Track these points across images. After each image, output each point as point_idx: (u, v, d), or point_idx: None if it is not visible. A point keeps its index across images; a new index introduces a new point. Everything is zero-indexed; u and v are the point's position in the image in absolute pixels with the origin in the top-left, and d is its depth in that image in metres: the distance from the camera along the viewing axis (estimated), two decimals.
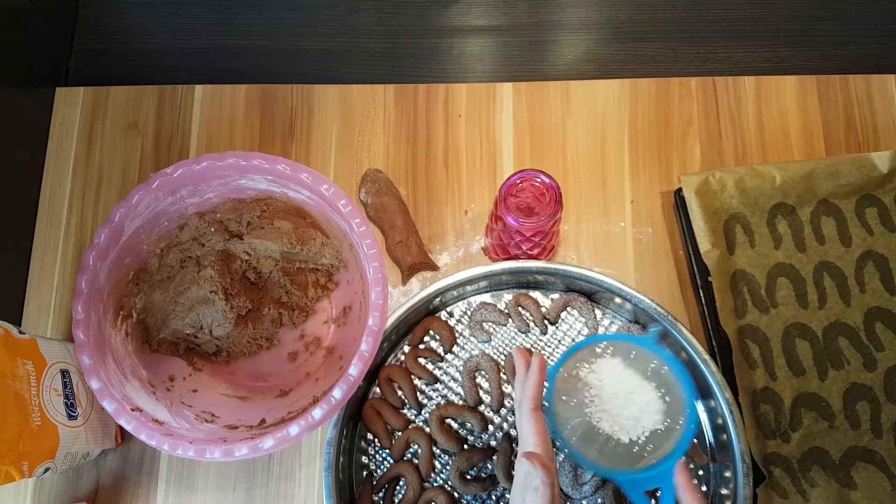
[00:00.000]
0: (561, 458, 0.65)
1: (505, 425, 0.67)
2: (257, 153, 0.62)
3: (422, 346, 0.69)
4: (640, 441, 0.53)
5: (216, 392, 0.68)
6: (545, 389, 0.54)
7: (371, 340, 0.59)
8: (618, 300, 0.67)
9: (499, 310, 0.69)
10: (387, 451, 0.67)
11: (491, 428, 0.67)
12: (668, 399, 0.53)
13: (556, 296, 0.70)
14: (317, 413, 0.57)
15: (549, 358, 0.68)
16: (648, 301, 0.66)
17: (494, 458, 0.65)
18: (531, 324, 0.69)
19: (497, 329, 0.70)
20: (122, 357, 0.63)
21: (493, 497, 0.65)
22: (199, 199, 0.66)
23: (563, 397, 0.54)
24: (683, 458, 0.52)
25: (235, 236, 0.70)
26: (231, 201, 0.68)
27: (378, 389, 0.68)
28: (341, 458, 0.64)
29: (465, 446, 0.66)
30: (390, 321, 0.66)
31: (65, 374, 0.62)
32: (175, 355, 0.69)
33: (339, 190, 0.62)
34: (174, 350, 0.69)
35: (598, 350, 0.55)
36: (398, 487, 0.66)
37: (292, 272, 0.71)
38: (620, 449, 0.53)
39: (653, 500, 0.54)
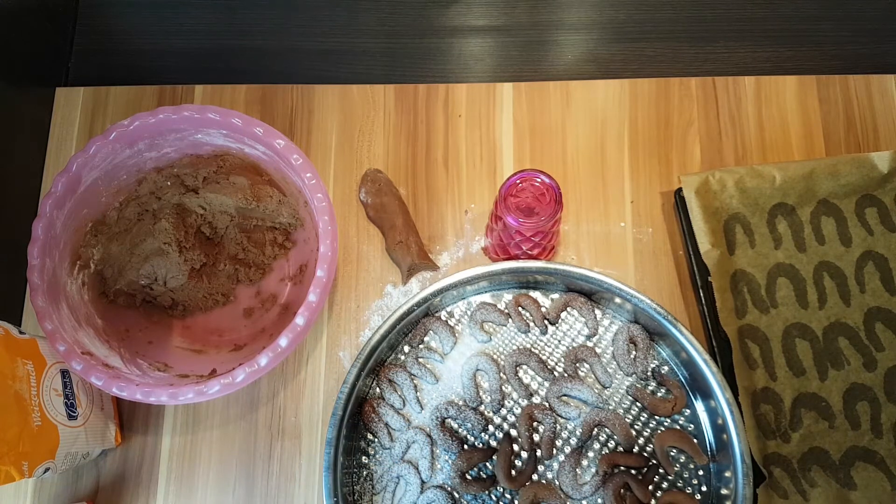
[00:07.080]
0: (561, 459, 0.65)
1: (505, 425, 0.67)
2: (212, 106, 0.63)
3: (422, 346, 0.69)
4: None
5: (171, 344, 0.69)
6: None
7: (319, 292, 0.59)
8: (618, 300, 0.67)
9: (499, 310, 0.69)
10: (387, 451, 0.67)
11: (491, 428, 0.67)
12: None
13: (556, 296, 0.70)
14: (262, 360, 0.58)
15: (548, 359, 0.69)
16: (648, 301, 0.66)
17: (494, 458, 0.65)
18: (531, 324, 0.69)
19: (497, 329, 0.70)
20: (76, 305, 0.64)
21: (493, 497, 0.65)
22: (157, 153, 0.66)
23: None
24: None
25: (191, 190, 0.71)
26: (189, 157, 0.68)
27: (378, 389, 0.68)
28: (341, 458, 0.64)
29: (465, 446, 0.66)
30: (390, 321, 0.66)
31: (65, 374, 0.62)
32: (132, 307, 0.70)
33: (293, 144, 0.63)
34: (131, 302, 0.70)
35: None
36: (398, 487, 0.66)
37: (250, 230, 0.72)
38: None
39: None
